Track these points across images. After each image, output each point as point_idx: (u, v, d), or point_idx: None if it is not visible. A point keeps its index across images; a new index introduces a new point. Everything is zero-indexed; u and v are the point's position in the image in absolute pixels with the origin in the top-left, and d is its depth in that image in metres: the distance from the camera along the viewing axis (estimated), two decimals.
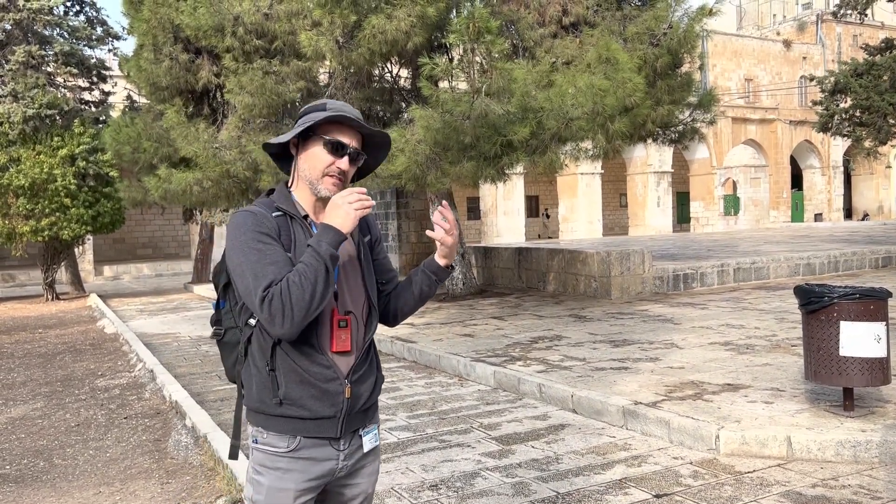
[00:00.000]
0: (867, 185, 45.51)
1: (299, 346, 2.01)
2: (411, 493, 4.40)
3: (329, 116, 2.07)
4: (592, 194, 33.96)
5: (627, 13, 11.83)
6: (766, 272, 14.27)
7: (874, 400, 5.41)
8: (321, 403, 2.02)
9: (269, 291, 1.91)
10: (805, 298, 5.10)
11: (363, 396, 2.11)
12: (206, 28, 10.85)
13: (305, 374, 2.01)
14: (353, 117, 2.09)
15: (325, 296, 1.94)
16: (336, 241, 1.95)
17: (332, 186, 2.08)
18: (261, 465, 2.07)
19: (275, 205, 2.09)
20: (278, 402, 2.02)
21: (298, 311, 1.91)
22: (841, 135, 20.93)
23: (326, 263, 1.92)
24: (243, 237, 1.99)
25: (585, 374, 6.78)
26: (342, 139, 2.09)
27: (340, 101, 2.17)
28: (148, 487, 4.77)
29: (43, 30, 19.87)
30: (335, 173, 2.08)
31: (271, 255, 1.97)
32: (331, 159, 2.08)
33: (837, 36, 41.87)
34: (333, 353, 2.05)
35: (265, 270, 1.94)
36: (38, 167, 17.54)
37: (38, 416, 6.92)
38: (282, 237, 2.04)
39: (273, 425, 2.04)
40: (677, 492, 4.24)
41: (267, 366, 2.03)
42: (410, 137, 9.87)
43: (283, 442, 2.04)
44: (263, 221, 2.03)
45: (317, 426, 2.04)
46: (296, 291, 1.90)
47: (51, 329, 13.46)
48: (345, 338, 2.06)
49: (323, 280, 1.92)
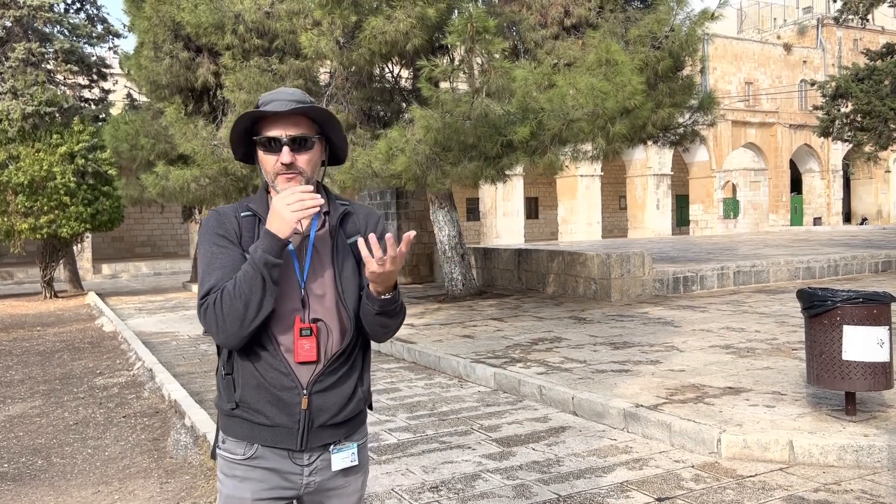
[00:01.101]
0: (866, 189, 45.55)
1: (257, 349, 1.91)
2: (412, 495, 4.38)
3: (248, 115, 1.93)
4: (592, 196, 33.96)
5: (630, 15, 11.82)
6: (766, 275, 14.25)
7: (876, 404, 5.40)
8: (277, 410, 1.90)
9: (206, 300, 1.84)
10: (808, 302, 5.08)
11: (329, 410, 1.95)
12: (207, 25, 10.84)
13: (262, 378, 1.91)
14: (273, 108, 1.91)
15: (262, 306, 1.83)
16: (273, 247, 1.82)
17: (287, 183, 1.94)
18: (221, 471, 1.99)
19: (247, 204, 2.01)
20: (233, 406, 1.93)
21: (232, 323, 1.81)
22: (842, 139, 20.94)
23: (262, 272, 1.81)
24: (203, 238, 1.94)
25: (586, 376, 6.76)
26: (272, 133, 1.93)
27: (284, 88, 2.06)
28: (147, 487, 4.74)
29: (43, 27, 19.85)
30: (282, 170, 1.93)
31: (221, 259, 1.89)
32: (272, 157, 1.93)
33: (838, 40, 41.92)
34: (298, 363, 1.92)
35: (210, 276, 1.87)
36: (38, 164, 17.50)
37: (37, 414, 6.89)
38: (244, 238, 1.94)
39: (231, 430, 1.95)
40: (679, 495, 4.22)
41: (223, 368, 1.96)
42: (411, 137, 9.85)
43: (240, 448, 1.95)
44: (224, 222, 1.95)
45: (274, 434, 1.92)
46: (228, 302, 1.81)
47: (49, 327, 13.42)
48: (309, 347, 1.91)
49: (259, 290, 1.81)
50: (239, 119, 1.95)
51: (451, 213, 13.84)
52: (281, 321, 1.90)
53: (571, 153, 12.53)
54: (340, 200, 2.09)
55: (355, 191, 16.86)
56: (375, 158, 10.04)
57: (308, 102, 1.97)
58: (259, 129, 1.96)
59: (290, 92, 1.97)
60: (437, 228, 13.89)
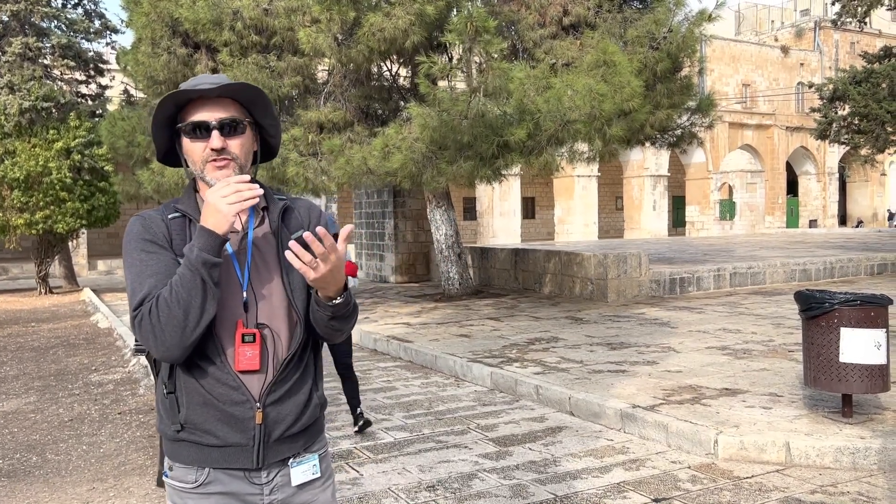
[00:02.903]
0: (862, 192, 45.67)
1: (200, 362, 1.73)
2: (408, 494, 4.36)
3: (169, 97, 1.76)
4: (588, 197, 33.98)
5: (628, 16, 11.83)
6: (763, 277, 14.27)
7: (872, 407, 5.40)
8: (228, 428, 1.73)
9: (140, 310, 1.68)
10: (805, 304, 5.08)
11: (285, 420, 1.78)
12: (205, 22, 10.81)
13: (209, 394, 1.73)
14: (190, 88, 1.76)
15: (204, 311, 1.66)
16: (210, 245, 1.65)
17: (219, 171, 1.77)
18: (172, 501, 1.80)
19: (174, 205, 1.85)
20: (178, 428, 1.75)
21: (171, 333, 1.64)
22: (839, 142, 20.98)
23: (201, 273, 1.64)
24: (128, 246, 1.76)
25: (583, 376, 6.76)
26: (200, 117, 1.77)
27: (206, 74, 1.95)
28: (142, 484, 4.72)
29: (40, 22, 19.78)
30: (212, 157, 1.77)
31: (152, 266, 1.72)
32: (201, 145, 1.77)
33: (835, 43, 42.01)
34: (243, 373, 1.74)
35: (142, 284, 1.70)
36: (34, 160, 17.44)
37: (31, 410, 6.86)
38: (174, 242, 1.77)
39: (178, 455, 1.77)
40: (676, 496, 4.22)
41: (164, 387, 1.77)
42: (407, 135, 9.84)
43: (190, 475, 1.76)
44: (150, 227, 1.78)
45: (225, 455, 1.74)
46: (164, 310, 1.64)
47: (44, 323, 13.37)
48: (251, 354, 1.73)
49: (199, 293, 1.64)
50: (161, 102, 1.77)
51: (449, 212, 13.83)
52: (226, 329, 1.74)
53: (568, 154, 12.53)
54: (278, 195, 1.94)
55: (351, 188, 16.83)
56: (371, 156, 10.03)
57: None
58: (184, 116, 1.80)
59: (215, 77, 1.82)
60: (434, 227, 13.88)
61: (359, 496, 4.35)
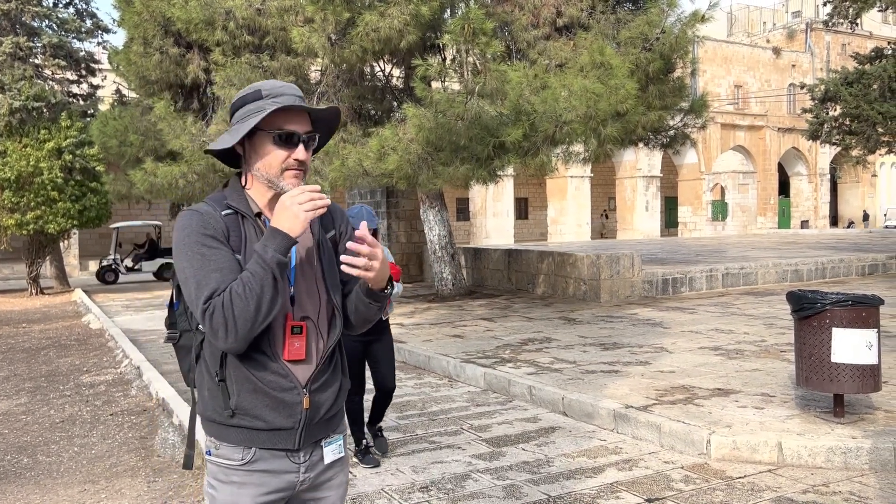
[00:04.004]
0: (853, 193, 45.90)
1: (252, 353, 1.85)
2: (402, 495, 4.36)
3: (274, 110, 1.86)
4: (581, 197, 34.04)
5: (621, 17, 11.84)
6: (755, 278, 14.32)
7: (864, 407, 5.42)
8: (277, 414, 1.87)
9: (211, 303, 1.76)
10: (797, 304, 5.10)
11: (324, 406, 1.95)
12: (197, 21, 10.78)
13: (259, 382, 1.85)
14: (297, 102, 1.89)
15: (274, 306, 1.79)
16: (284, 246, 1.78)
17: (294, 180, 1.90)
18: (215, 478, 1.93)
19: (226, 202, 1.92)
20: (230, 413, 1.87)
21: (243, 325, 1.76)
22: (830, 143, 21.07)
23: (274, 272, 1.76)
24: (187, 239, 1.83)
25: (576, 376, 6.77)
26: (292, 128, 1.88)
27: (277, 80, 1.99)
28: (134, 485, 4.70)
29: (31, 21, 19.70)
30: (294, 166, 1.89)
31: (216, 261, 1.81)
32: (285, 153, 1.88)
33: (826, 44, 42.21)
34: (292, 362, 1.89)
35: (208, 278, 1.78)
36: (25, 160, 17.36)
37: (22, 411, 6.82)
38: (231, 238, 1.87)
39: (226, 436, 1.89)
40: (669, 496, 4.23)
41: (216, 375, 1.88)
42: (402, 136, 9.83)
43: (237, 454, 1.89)
44: (209, 222, 1.85)
45: (272, 437, 1.88)
46: (239, 303, 1.75)
47: (35, 324, 13.31)
48: (299, 345, 1.88)
49: (270, 290, 1.77)
50: (262, 108, 1.87)
51: (442, 212, 13.83)
52: (274, 322, 1.86)
53: (563, 154, 12.55)
54: None
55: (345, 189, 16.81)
56: (366, 157, 10.01)
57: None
58: (271, 121, 1.88)
59: (292, 87, 1.92)
60: (428, 228, 13.87)
61: (352, 497, 4.34)
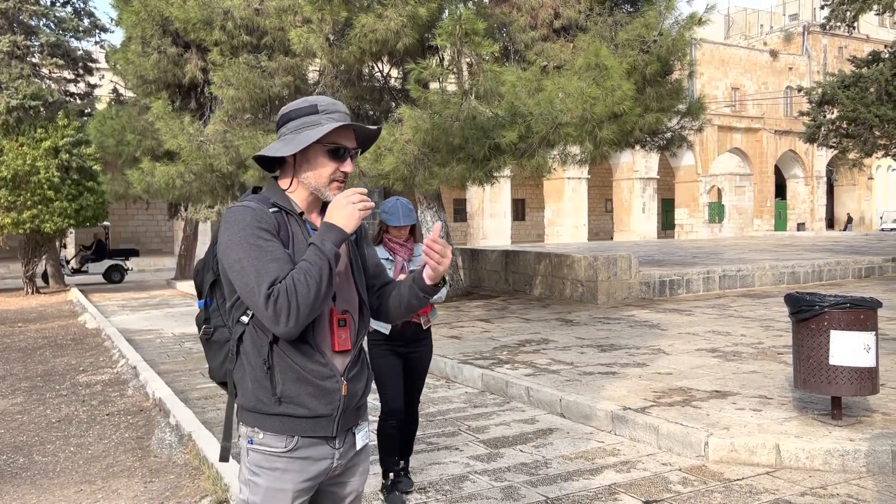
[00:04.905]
0: (849, 195, 46.00)
1: (296, 343, 1.99)
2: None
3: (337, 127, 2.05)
4: (578, 199, 34.06)
5: (618, 19, 11.85)
6: (752, 280, 14.34)
7: (861, 409, 5.43)
8: (318, 401, 2.01)
9: (274, 289, 1.89)
10: (795, 307, 5.10)
11: (358, 394, 2.11)
12: (196, 21, 10.76)
13: (302, 371, 1.99)
14: (348, 121, 2.09)
15: (329, 294, 1.94)
16: (340, 239, 1.96)
17: (337, 190, 2.10)
18: (257, 465, 2.03)
19: (270, 201, 2.07)
20: (276, 401, 1.99)
21: (304, 309, 1.90)
22: (827, 146, 21.12)
23: (330, 262, 1.92)
24: (242, 233, 1.96)
25: (573, 378, 6.76)
26: (344, 143, 2.09)
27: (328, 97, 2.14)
28: (131, 486, 4.68)
29: (29, 20, 19.65)
30: (340, 178, 2.09)
31: (273, 252, 1.95)
32: (335, 165, 2.08)
33: (823, 47, 42.30)
34: (334, 353, 2.05)
35: (268, 267, 1.92)
36: (21, 159, 17.32)
37: (18, 411, 6.80)
38: (280, 233, 2.02)
39: (270, 425, 2.01)
40: (667, 498, 4.22)
41: (264, 363, 2.01)
42: (399, 137, 9.82)
43: (280, 442, 2.01)
44: (263, 217, 2.00)
45: (314, 425, 2.02)
46: (302, 290, 1.89)
47: (31, 323, 13.27)
48: (345, 337, 2.06)
49: (327, 278, 1.92)
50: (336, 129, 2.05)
51: (440, 213, 13.82)
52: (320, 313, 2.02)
53: (559, 156, 12.55)
54: None
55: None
56: (363, 158, 10.00)
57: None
58: (326, 136, 2.06)
59: (342, 105, 2.12)
60: (425, 229, 13.86)
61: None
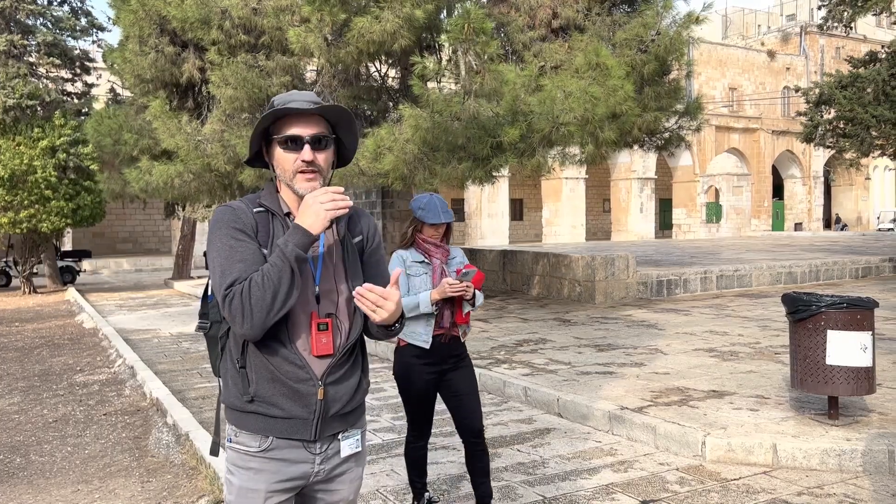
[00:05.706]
0: (847, 195, 46.07)
1: (271, 343, 1.96)
2: (397, 496, 4.35)
3: (271, 113, 1.98)
4: (576, 199, 34.07)
5: (616, 19, 11.85)
6: (749, 280, 14.35)
7: (858, 409, 5.44)
8: (294, 403, 1.97)
9: (231, 290, 1.88)
10: (792, 307, 5.10)
11: (341, 399, 2.03)
12: (193, 20, 10.75)
13: (277, 371, 1.96)
14: (296, 106, 1.98)
15: (289, 297, 1.89)
16: (304, 242, 1.89)
17: (307, 182, 2.00)
18: (233, 464, 2.03)
19: (258, 201, 2.05)
20: (249, 399, 1.97)
21: (259, 312, 1.87)
22: (825, 146, 21.15)
23: (292, 265, 1.87)
24: (219, 232, 1.97)
25: (571, 378, 6.77)
26: (294, 132, 1.98)
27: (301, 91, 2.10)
28: (128, 486, 4.68)
29: (26, 19, 19.61)
30: (302, 168, 1.99)
31: (241, 252, 1.93)
32: (292, 156, 1.99)
33: (821, 48, 42.35)
34: (314, 357, 1.99)
35: (232, 268, 1.91)
36: (18, 158, 17.29)
37: (15, 411, 6.79)
38: (259, 234, 1.99)
39: (245, 423, 2.00)
40: (664, 498, 4.23)
41: (237, 362, 2.00)
42: (399, 136, 9.81)
43: (254, 441, 1.99)
44: (241, 217, 1.99)
45: (289, 426, 1.98)
46: (256, 292, 1.86)
47: (28, 323, 13.25)
48: (326, 341, 1.99)
49: (287, 281, 1.87)
50: (264, 117, 1.99)
51: None
52: (295, 316, 1.97)
53: (560, 156, 12.55)
54: None
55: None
56: (362, 157, 10.00)
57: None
58: (278, 128, 2.01)
59: (306, 94, 2.03)
60: None
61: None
